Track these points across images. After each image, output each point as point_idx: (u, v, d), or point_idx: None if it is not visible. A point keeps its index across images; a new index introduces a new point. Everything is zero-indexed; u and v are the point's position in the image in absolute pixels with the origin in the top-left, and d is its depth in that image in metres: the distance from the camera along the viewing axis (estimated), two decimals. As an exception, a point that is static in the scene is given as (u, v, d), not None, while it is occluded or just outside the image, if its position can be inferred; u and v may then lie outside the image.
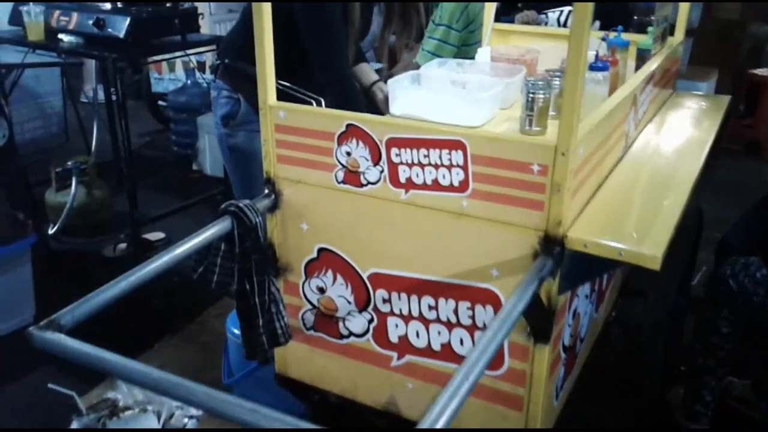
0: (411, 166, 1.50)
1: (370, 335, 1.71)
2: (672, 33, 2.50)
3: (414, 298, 1.60)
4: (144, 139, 5.19)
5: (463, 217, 1.48)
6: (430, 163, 1.48)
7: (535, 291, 1.32)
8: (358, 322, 1.71)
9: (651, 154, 1.93)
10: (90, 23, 3.12)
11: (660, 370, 2.18)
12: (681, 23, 2.54)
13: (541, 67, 2.20)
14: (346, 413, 1.83)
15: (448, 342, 1.60)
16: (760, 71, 5.06)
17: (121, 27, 3.05)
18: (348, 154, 1.57)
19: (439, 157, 1.46)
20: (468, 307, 1.54)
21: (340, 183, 1.60)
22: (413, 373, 1.68)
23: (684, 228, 1.55)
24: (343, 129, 1.55)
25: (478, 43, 2.63)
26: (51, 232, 3.46)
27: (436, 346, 1.63)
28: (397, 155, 1.51)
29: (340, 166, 1.59)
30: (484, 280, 1.50)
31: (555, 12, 3.12)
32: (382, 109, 2.29)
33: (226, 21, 5.06)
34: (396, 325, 1.66)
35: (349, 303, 1.70)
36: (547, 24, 3.11)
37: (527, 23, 3.10)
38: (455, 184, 1.46)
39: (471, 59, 2.31)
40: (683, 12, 2.54)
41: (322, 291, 1.74)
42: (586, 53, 1.28)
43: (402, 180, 1.52)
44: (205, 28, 4.66)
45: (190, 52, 3.69)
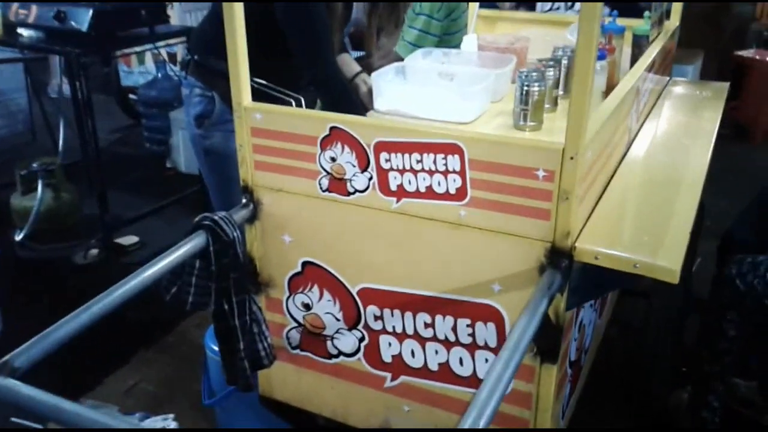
0: (402, 172, 1.37)
1: (361, 354, 1.58)
2: (668, 17, 2.38)
3: (408, 315, 1.48)
4: (115, 135, 4.99)
5: (461, 228, 1.35)
6: (423, 169, 1.35)
7: (545, 311, 1.19)
8: (347, 341, 1.58)
9: (655, 149, 1.82)
10: (51, 16, 2.96)
11: (668, 374, 2.08)
12: (677, 6, 2.42)
13: (532, 55, 2.07)
14: (337, 436, 1.71)
15: (447, 361, 1.48)
16: (745, 53, 4.99)
17: (83, 20, 2.91)
18: (332, 159, 1.43)
19: (434, 162, 1.33)
20: (468, 325, 1.42)
21: (324, 191, 1.46)
22: (409, 394, 1.56)
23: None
24: (327, 132, 1.41)
25: (461, 31, 2.49)
26: (18, 238, 3.32)
27: (433, 366, 1.50)
28: (387, 161, 1.37)
29: (324, 173, 1.45)
30: (484, 295, 1.38)
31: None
32: (366, 103, 2.15)
33: (197, 11, 4.85)
34: (389, 344, 1.53)
35: (337, 320, 1.57)
36: None
37: None
38: (452, 191, 1.33)
39: (455, 47, 2.17)
40: (680, -6, 2.43)
41: (307, 307, 1.60)
42: (596, 49, 1.15)
43: (393, 188, 1.39)
44: (175, 18, 4.48)
45: (159, 44, 3.51)
